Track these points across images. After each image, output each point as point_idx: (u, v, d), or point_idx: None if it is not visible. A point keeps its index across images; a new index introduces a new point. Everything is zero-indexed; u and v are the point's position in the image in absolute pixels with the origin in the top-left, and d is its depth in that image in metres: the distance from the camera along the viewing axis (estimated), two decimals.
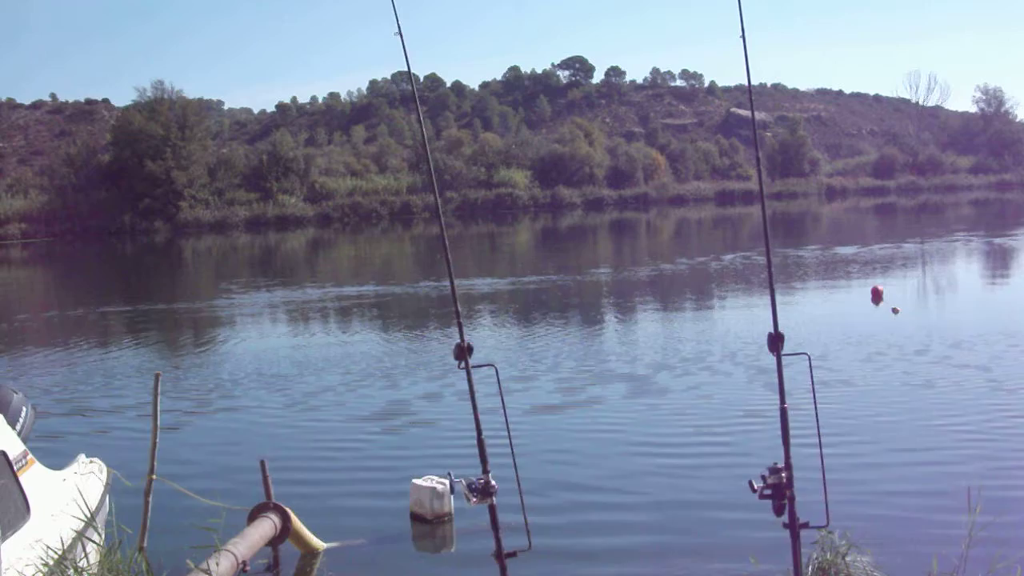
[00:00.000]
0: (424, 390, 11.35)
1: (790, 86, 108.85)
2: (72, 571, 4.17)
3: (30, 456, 4.97)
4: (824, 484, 3.54)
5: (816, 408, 3.69)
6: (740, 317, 17.09)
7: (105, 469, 5.95)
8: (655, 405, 10.20)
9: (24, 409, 5.48)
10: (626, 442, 8.81)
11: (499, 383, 3.89)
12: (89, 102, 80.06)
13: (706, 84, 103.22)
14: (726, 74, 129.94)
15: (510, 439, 3.93)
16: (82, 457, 5.98)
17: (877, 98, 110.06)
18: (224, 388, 12.03)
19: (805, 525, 3.54)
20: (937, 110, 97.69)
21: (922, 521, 6.51)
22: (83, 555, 4.41)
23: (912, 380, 10.89)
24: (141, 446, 7.47)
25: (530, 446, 8.41)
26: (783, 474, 3.51)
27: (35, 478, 4.89)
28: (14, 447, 4.81)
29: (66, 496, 5.08)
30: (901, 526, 6.41)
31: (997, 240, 31.71)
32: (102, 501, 5.57)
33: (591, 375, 11.89)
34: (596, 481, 7.70)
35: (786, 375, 3.71)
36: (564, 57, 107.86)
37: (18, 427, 5.17)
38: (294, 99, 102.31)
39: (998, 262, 26.41)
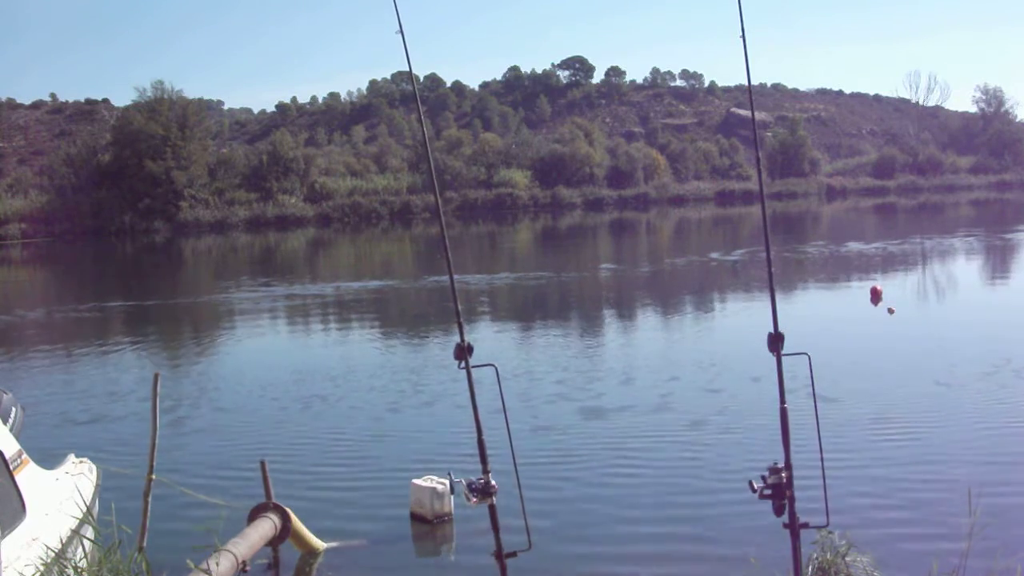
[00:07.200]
0: (424, 390, 11.34)
1: (790, 86, 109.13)
2: (71, 570, 4.17)
3: (25, 455, 4.96)
4: (824, 484, 3.53)
5: (816, 408, 3.68)
6: (739, 316, 17.09)
7: (95, 469, 5.94)
8: (655, 405, 10.19)
9: (13, 409, 5.47)
10: (626, 441, 8.81)
11: (499, 383, 3.88)
12: (89, 102, 79.96)
13: (706, 84, 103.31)
14: (726, 74, 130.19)
15: (510, 439, 3.92)
16: (72, 457, 5.96)
17: (877, 98, 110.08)
18: (224, 387, 12.02)
19: (805, 525, 3.53)
20: (937, 110, 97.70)
21: (922, 521, 6.51)
22: (82, 555, 4.40)
23: (912, 379, 10.89)
24: (140, 446, 7.47)
25: (530, 446, 8.42)
26: (783, 474, 3.50)
27: (30, 477, 4.88)
28: (10, 446, 4.81)
29: (60, 495, 5.08)
30: (901, 526, 6.40)
31: (996, 240, 31.69)
32: (93, 500, 5.57)
33: (591, 375, 11.89)
34: (596, 480, 7.71)
35: (786, 375, 3.70)
36: (564, 57, 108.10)
37: (8, 427, 5.17)
38: (294, 99, 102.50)
39: (997, 261, 26.41)
